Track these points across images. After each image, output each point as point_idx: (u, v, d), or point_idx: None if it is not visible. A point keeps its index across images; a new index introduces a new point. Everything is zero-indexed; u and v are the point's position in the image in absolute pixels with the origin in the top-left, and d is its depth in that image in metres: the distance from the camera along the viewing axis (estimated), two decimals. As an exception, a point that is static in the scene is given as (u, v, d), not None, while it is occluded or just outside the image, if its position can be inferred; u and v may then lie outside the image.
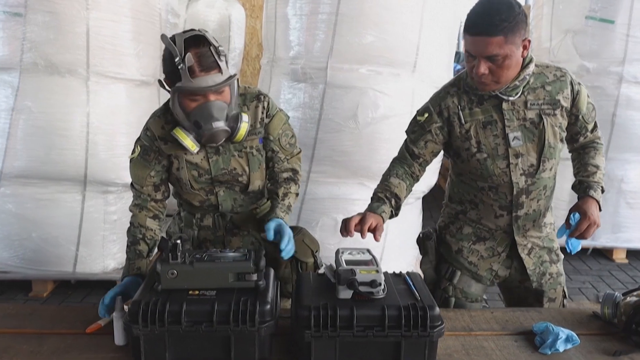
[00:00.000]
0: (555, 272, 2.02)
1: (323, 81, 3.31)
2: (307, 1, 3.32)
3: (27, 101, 3.29)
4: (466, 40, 1.70)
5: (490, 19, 1.63)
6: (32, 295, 3.57)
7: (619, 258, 4.49)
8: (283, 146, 1.95)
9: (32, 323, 1.69)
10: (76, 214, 3.41)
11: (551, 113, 1.84)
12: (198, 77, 1.63)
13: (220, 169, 1.87)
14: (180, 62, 1.60)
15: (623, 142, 4.19)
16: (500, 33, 1.63)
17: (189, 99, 1.69)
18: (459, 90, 1.89)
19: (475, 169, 1.91)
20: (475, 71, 1.71)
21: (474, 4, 1.71)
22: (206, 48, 1.65)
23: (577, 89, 1.86)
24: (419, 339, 1.41)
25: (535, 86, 1.83)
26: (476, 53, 1.68)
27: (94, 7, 3.24)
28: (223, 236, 1.97)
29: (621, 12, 4.03)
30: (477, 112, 1.85)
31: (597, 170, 1.91)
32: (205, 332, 1.39)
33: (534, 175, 1.88)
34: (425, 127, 1.92)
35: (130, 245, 1.86)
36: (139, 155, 1.84)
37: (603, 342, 1.62)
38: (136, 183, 1.88)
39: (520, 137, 1.84)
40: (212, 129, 1.70)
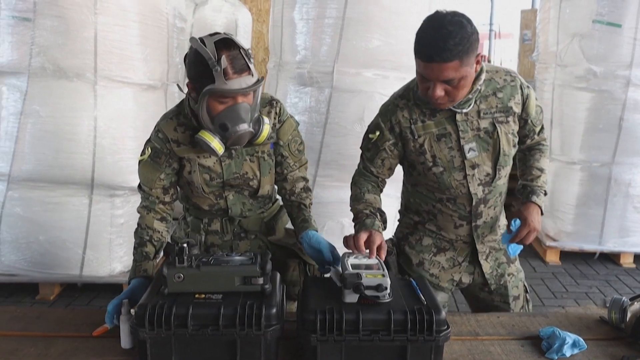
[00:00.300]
0: (514, 271, 2.03)
1: (329, 85, 3.32)
2: (314, 5, 3.33)
3: (35, 105, 3.32)
4: (419, 65, 1.65)
5: (444, 45, 1.56)
6: (39, 298, 3.59)
7: (626, 262, 4.46)
8: (292, 152, 1.95)
9: (39, 326, 1.70)
10: (83, 217, 3.43)
11: (504, 121, 1.83)
12: (231, 79, 1.63)
13: (233, 173, 1.87)
14: (216, 65, 1.60)
15: (630, 146, 4.18)
16: (456, 57, 1.58)
17: (218, 101, 1.68)
18: (409, 102, 1.84)
19: (432, 182, 1.88)
20: (431, 94, 1.66)
21: (423, 27, 1.65)
22: (237, 51, 1.66)
23: (526, 93, 1.85)
24: (425, 343, 1.40)
25: (487, 94, 1.81)
26: (431, 78, 1.63)
27: (102, 11, 3.26)
28: (231, 240, 1.97)
29: (628, 16, 4.01)
30: (430, 124, 1.82)
31: (541, 173, 1.93)
32: (211, 336, 1.39)
33: (491, 184, 1.87)
34: (379, 145, 1.88)
35: (137, 247, 1.86)
36: (149, 157, 1.84)
37: (610, 347, 1.61)
38: (145, 185, 1.88)
39: (476, 147, 1.82)
40: (239, 131, 1.70)
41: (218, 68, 1.60)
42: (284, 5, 3.50)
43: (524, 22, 10.81)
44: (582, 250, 4.45)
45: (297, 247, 1.97)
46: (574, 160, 4.31)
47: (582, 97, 4.23)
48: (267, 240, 1.99)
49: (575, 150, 4.30)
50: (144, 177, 1.87)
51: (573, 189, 4.34)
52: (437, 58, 1.58)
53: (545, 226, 4.61)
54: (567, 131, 4.38)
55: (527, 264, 4.46)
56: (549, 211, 4.54)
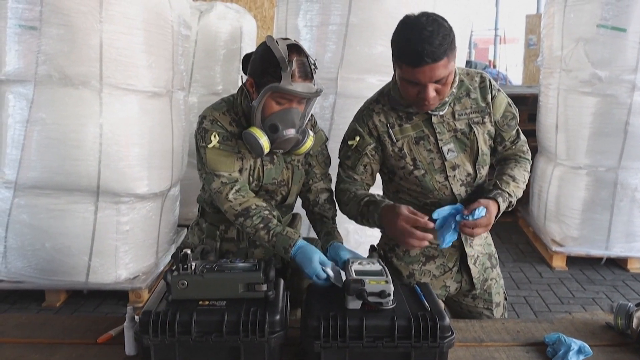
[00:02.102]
0: (496, 276, 2.03)
1: (334, 91, 3.33)
2: (318, 12, 3.34)
3: (42, 113, 3.33)
4: (406, 72, 1.64)
5: (431, 46, 1.56)
6: (45, 305, 3.60)
7: (633, 268, 4.43)
8: (320, 163, 1.99)
9: (44, 333, 1.70)
10: (89, 224, 3.44)
11: (480, 121, 1.84)
12: (297, 82, 1.70)
13: (271, 179, 1.89)
14: (287, 65, 1.67)
15: (636, 151, 4.16)
16: (444, 55, 1.59)
17: (277, 101, 1.74)
18: (384, 107, 1.85)
19: (415, 186, 1.87)
20: (424, 97, 1.66)
21: (402, 34, 1.65)
22: (305, 58, 1.74)
23: (494, 94, 1.85)
24: (428, 349, 1.40)
25: (461, 95, 1.83)
26: (423, 81, 1.63)
27: (107, 20, 3.28)
28: (246, 248, 1.96)
29: (633, 21, 4.00)
30: (407, 128, 1.82)
31: (512, 181, 1.84)
32: (215, 343, 1.39)
33: (472, 183, 1.87)
34: (360, 150, 1.86)
35: (265, 223, 1.74)
36: (219, 142, 1.79)
37: (616, 354, 1.60)
38: (224, 170, 1.79)
39: (454, 148, 1.83)
40: (287, 135, 1.75)
41: (288, 68, 1.67)
42: (288, 12, 3.52)
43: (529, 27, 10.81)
44: (589, 256, 4.43)
45: None
46: (580, 165, 4.30)
47: (588, 102, 4.22)
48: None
49: (581, 155, 4.28)
50: (221, 163, 1.79)
51: (579, 194, 4.32)
52: (428, 60, 1.58)
53: (552, 231, 4.59)
54: (573, 136, 4.36)
55: (533, 270, 4.45)
56: (554, 216, 4.52)
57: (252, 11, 7.42)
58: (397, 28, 1.68)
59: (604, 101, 4.14)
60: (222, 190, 1.78)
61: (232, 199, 1.77)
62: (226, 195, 1.78)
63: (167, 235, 4.06)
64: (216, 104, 1.88)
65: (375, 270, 1.57)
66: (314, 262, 1.63)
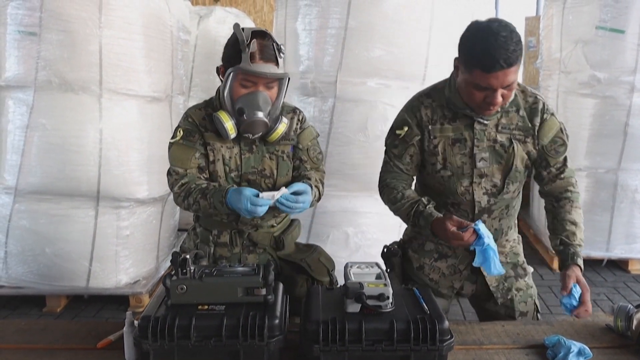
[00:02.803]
0: (523, 286, 1.98)
1: (332, 95, 3.33)
2: (316, 16, 3.35)
3: (42, 118, 3.34)
4: (477, 76, 1.64)
5: (506, 51, 1.59)
6: (46, 310, 3.59)
7: (634, 269, 4.42)
8: (311, 157, 2.00)
9: (44, 338, 1.70)
10: (89, 229, 3.44)
11: (522, 139, 1.83)
12: (257, 63, 1.75)
13: (251, 167, 1.90)
14: (246, 47, 1.72)
15: (636, 152, 4.16)
16: (517, 60, 1.62)
17: (241, 84, 1.79)
18: (433, 102, 1.86)
19: (439, 184, 1.89)
20: (492, 101, 1.67)
21: (475, 39, 1.65)
22: (269, 42, 1.79)
23: (544, 118, 1.84)
24: (428, 352, 1.40)
25: (510, 109, 1.82)
26: (495, 86, 1.64)
27: (107, 25, 3.29)
28: (240, 253, 1.97)
29: (631, 22, 4.01)
30: (448, 128, 1.83)
31: (576, 228, 1.82)
32: (214, 347, 1.39)
33: (497, 195, 1.87)
34: (407, 140, 1.88)
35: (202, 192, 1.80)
36: (182, 138, 1.87)
37: (616, 355, 1.60)
38: (180, 167, 1.87)
39: (488, 158, 1.83)
40: (254, 118, 1.78)
41: (247, 49, 1.72)
42: (286, 16, 3.52)
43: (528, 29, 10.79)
44: (589, 257, 4.41)
45: (306, 263, 1.97)
46: (580, 166, 4.29)
47: (587, 104, 4.22)
48: (276, 255, 1.99)
49: (581, 156, 4.28)
50: (178, 158, 1.88)
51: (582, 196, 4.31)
52: (503, 65, 1.59)
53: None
54: (572, 137, 4.28)
55: (535, 272, 4.44)
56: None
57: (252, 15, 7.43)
58: (467, 34, 1.69)
59: (603, 103, 4.14)
60: (172, 186, 1.88)
61: (177, 191, 1.86)
62: (172, 188, 1.88)
63: (168, 240, 4.06)
64: (199, 103, 1.96)
65: (374, 274, 1.57)
66: (242, 201, 1.68)
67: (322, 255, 2.04)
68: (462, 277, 1.98)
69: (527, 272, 2.02)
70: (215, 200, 1.77)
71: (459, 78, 1.75)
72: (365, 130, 3.27)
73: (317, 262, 2.00)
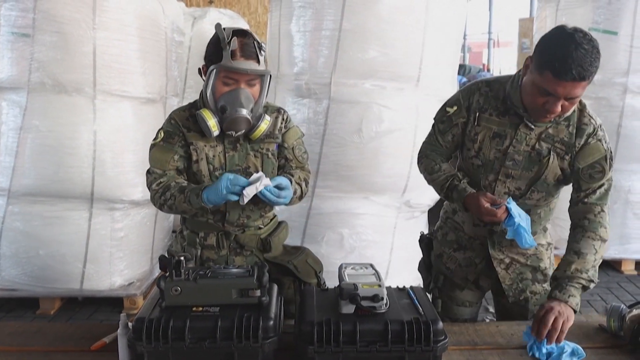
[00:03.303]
0: (540, 291, 1.97)
1: (327, 96, 3.33)
2: (311, 17, 3.35)
3: (35, 120, 3.33)
4: (547, 80, 1.61)
5: (583, 64, 1.56)
6: (40, 312, 3.58)
7: (627, 270, 4.44)
8: (296, 156, 2.00)
9: (38, 341, 1.70)
10: (83, 231, 3.44)
11: (561, 154, 1.80)
12: (238, 60, 1.76)
13: (235, 165, 1.90)
14: (227, 45, 1.74)
15: (629, 153, 4.17)
16: (589, 76, 1.59)
17: (223, 81, 1.80)
18: (490, 92, 1.86)
19: (467, 171, 1.95)
20: (550, 109, 1.66)
21: (556, 43, 1.62)
22: (250, 40, 1.81)
23: (589, 141, 1.79)
24: (422, 353, 1.40)
25: (561, 122, 1.79)
26: (560, 94, 1.62)
27: (100, 26, 3.29)
28: (227, 256, 1.96)
29: (624, 24, 4.04)
30: (494, 121, 1.84)
31: (578, 258, 1.75)
32: (208, 349, 1.39)
33: (518, 199, 1.86)
34: (453, 120, 1.92)
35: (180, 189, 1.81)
36: (162, 140, 1.89)
37: (609, 355, 1.61)
38: (158, 167, 1.88)
39: (520, 162, 1.82)
40: (236, 114, 1.79)
41: (228, 47, 1.74)
42: (281, 17, 3.52)
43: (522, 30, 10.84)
44: (583, 258, 4.43)
45: (292, 265, 1.98)
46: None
47: (580, 105, 4.24)
48: (263, 257, 1.99)
49: (574, 157, 4.30)
50: (157, 160, 1.89)
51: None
52: (576, 76, 1.57)
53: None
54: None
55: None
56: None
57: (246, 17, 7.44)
58: (549, 35, 1.67)
59: (597, 104, 4.15)
60: (150, 184, 1.88)
61: (155, 188, 1.86)
62: (150, 186, 1.87)
63: (162, 242, 4.05)
64: (184, 105, 1.98)
65: (368, 275, 1.57)
66: (219, 189, 1.70)
67: (309, 257, 2.04)
68: (476, 270, 2.00)
69: (547, 279, 1.98)
70: (192, 194, 1.77)
71: (526, 77, 1.73)
72: (359, 132, 3.28)
73: (305, 264, 2.00)
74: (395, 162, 3.34)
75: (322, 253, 3.29)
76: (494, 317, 2.27)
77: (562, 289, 1.70)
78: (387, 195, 3.44)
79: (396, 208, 3.50)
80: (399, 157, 3.32)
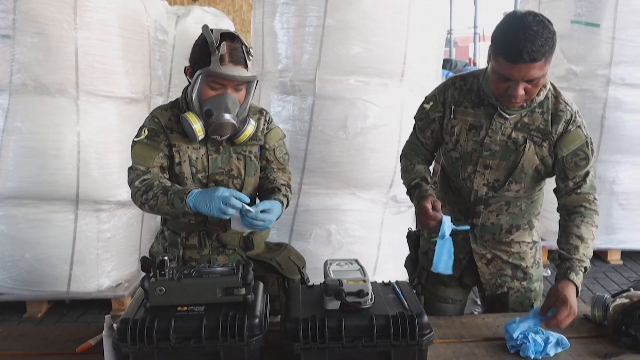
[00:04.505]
0: (519, 288, 1.98)
1: (312, 93, 3.33)
2: (294, 14, 3.34)
3: (18, 122, 3.30)
4: (502, 65, 1.64)
5: (532, 45, 1.58)
6: (27, 316, 3.55)
7: (613, 259, 4.50)
8: (277, 157, 2.00)
9: (22, 344, 1.68)
10: (69, 233, 3.41)
11: (538, 142, 1.81)
12: (226, 65, 1.75)
13: (218, 167, 1.90)
14: (215, 49, 1.72)
15: (613, 144, 4.22)
16: (542, 57, 1.61)
17: (210, 86, 1.78)
18: (465, 86, 1.89)
19: (447, 165, 1.97)
20: (511, 93, 1.68)
21: (507, 29, 1.65)
22: (239, 44, 1.79)
23: (569, 128, 1.80)
24: (408, 347, 1.41)
25: (536, 110, 1.81)
26: (516, 78, 1.64)
27: (82, 26, 3.26)
28: (209, 255, 1.95)
29: (606, 16, 4.07)
30: (469, 113, 1.86)
31: (581, 243, 1.73)
32: (194, 348, 1.38)
33: (497, 190, 1.88)
34: (430, 115, 1.94)
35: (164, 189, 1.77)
36: (146, 137, 1.85)
37: (593, 345, 1.63)
38: (142, 164, 1.84)
39: (497, 151, 1.83)
40: (222, 119, 1.78)
41: (217, 52, 1.72)
42: (264, 14, 3.51)
43: (506, 24, 10.88)
44: (570, 249, 4.48)
45: (276, 262, 1.98)
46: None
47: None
48: (246, 255, 1.99)
49: (559, 149, 4.33)
50: (141, 157, 1.85)
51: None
52: (527, 58, 1.59)
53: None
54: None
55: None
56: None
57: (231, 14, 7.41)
58: (501, 22, 1.69)
59: (580, 96, 4.19)
60: (132, 181, 1.84)
61: (138, 185, 1.82)
62: (132, 183, 1.83)
63: (149, 242, 3.99)
64: (166, 103, 1.96)
65: (353, 270, 1.57)
66: (214, 200, 1.67)
67: (292, 254, 2.05)
68: (460, 266, 1.99)
69: (527, 277, 1.98)
70: (176, 197, 1.73)
71: (489, 66, 1.76)
72: (345, 128, 3.28)
73: (287, 260, 2.00)
74: (381, 158, 3.34)
75: (309, 250, 3.30)
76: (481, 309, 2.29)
77: (576, 272, 1.68)
78: (373, 190, 3.44)
79: (383, 203, 3.50)
80: (384, 153, 3.33)
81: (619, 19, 4.06)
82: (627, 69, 4.14)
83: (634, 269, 4.38)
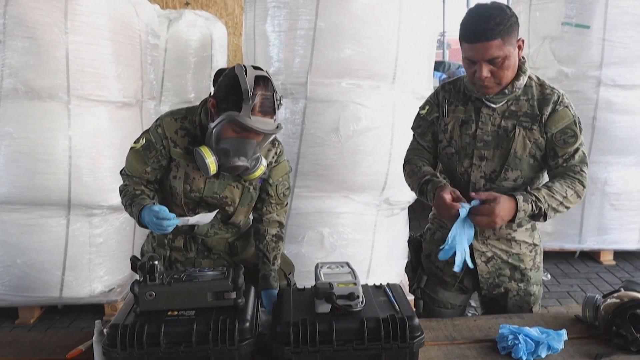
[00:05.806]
0: (517, 291, 1.98)
1: (304, 96, 3.32)
2: (285, 17, 3.34)
3: (9, 127, 3.28)
4: (465, 48, 1.78)
5: (486, 25, 1.71)
6: (19, 322, 3.53)
7: (606, 260, 4.51)
8: (278, 193, 1.97)
9: (12, 351, 1.67)
10: (61, 238, 3.39)
11: (528, 126, 1.85)
12: (257, 115, 1.69)
13: (213, 193, 1.88)
14: (249, 98, 1.66)
15: (604, 145, 4.23)
16: (498, 36, 1.71)
17: (233, 129, 1.72)
18: (454, 88, 1.98)
19: (444, 163, 2.00)
20: (477, 75, 1.77)
21: (466, 16, 1.80)
22: (271, 93, 1.73)
23: (556, 108, 1.84)
24: (399, 350, 1.41)
25: (522, 97, 1.87)
26: (477, 58, 1.75)
27: (73, 31, 3.25)
28: (194, 258, 1.96)
29: (596, 17, 4.09)
30: (460, 110, 1.94)
31: (545, 189, 1.80)
32: (184, 353, 1.38)
33: (494, 181, 1.90)
34: (427, 118, 2.01)
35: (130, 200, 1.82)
36: (142, 147, 1.85)
37: (585, 346, 1.63)
38: (130, 172, 1.89)
39: (490, 142, 1.88)
40: (237, 163, 1.73)
41: (250, 102, 1.66)
42: (255, 18, 3.51)
43: (498, 26, 10.92)
44: (563, 250, 4.50)
45: None
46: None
47: (555, 99, 4.29)
48: (232, 260, 1.99)
49: (551, 150, 4.34)
50: (131, 165, 1.89)
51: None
52: (482, 38, 1.71)
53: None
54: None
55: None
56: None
57: (224, 18, 7.39)
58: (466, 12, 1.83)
59: (571, 97, 4.09)
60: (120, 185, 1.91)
61: (121, 188, 1.89)
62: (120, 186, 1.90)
63: (142, 246, 4.01)
64: (177, 110, 1.91)
65: (344, 273, 1.57)
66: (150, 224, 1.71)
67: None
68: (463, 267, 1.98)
69: (525, 279, 1.99)
70: (135, 209, 1.77)
71: None
72: (337, 131, 3.27)
73: None
74: (373, 160, 3.34)
75: (302, 253, 3.30)
76: (476, 311, 2.29)
77: (525, 198, 1.75)
78: (366, 193, 3.44)
79: (376, 206, 3.50)
80: (377, 155, 3.33)
81: (610, 21, 4.08)
82: (617, 70, 4.15)
83: (626, 269, 4.39)
